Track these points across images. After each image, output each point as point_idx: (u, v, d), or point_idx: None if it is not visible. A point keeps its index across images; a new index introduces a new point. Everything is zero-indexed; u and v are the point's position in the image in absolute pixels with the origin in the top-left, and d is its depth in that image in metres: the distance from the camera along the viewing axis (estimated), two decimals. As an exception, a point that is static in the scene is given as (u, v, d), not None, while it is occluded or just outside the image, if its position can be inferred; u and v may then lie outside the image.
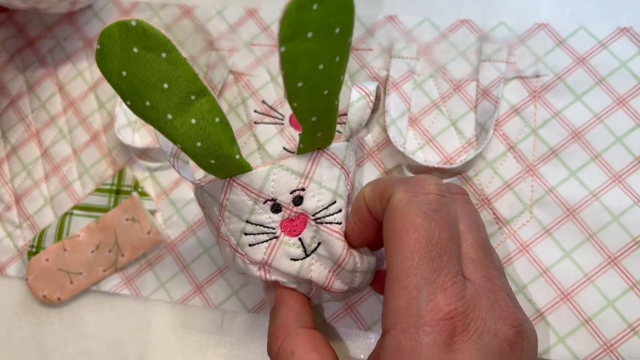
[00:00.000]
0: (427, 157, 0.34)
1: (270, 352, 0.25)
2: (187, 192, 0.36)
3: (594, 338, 0.30)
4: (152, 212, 0.36)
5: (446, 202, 0.23)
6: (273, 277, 0.26)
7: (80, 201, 0.37)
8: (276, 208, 0.26)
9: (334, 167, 0.27)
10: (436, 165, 0.32)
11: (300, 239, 0.26)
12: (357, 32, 0.37)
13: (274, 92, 0.37)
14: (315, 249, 0.26)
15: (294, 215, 0.26)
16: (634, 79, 0.33)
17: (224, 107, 0.37)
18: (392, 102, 0.34)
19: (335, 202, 0.26)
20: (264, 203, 0.26)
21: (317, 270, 0.26)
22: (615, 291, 0.30)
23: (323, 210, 0.26)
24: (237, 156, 0.25)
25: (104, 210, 0.37)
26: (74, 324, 0.36)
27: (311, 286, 0.27)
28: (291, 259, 0.26)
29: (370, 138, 0.35)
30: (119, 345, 0.35)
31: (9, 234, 0.38)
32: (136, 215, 0.36)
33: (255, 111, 0.37)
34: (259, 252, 0.26)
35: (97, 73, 0.40)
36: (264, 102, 0.37)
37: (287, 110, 0.36)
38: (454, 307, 0.20)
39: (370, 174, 0.34)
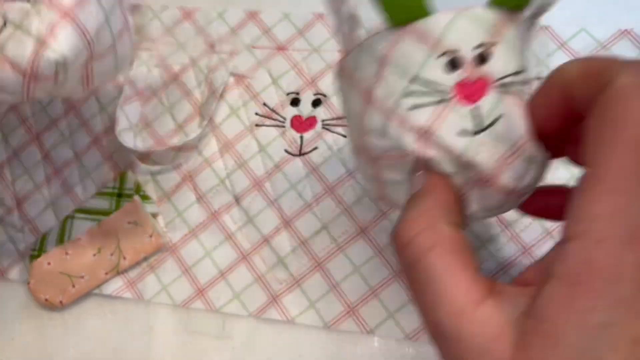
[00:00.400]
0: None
1: (397, 238, 0.20)
2: (188, 195, 0.36)
3: (596, 340, 0.30)
4: (154, 216, 0.36)
5: None
6: (431, 153, 0.21)
7: (82, 204, 0.38)
8: (453, 64, 0.21)
9: (521, 40, 0.22)
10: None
11: (475, 109, 0.21)
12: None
13: (275, 94, 0.37)
14: (491, 124, 0.20)
15: (473, 77, 0.21)
16: (636, 81, 0.33)
17: (225, 110, 0.37)
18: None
19: (523, 71, 0.21)
20: (439, 56, 0.21)
21: (487, 151, 0.20)
22: (618, 293, 0.30)
23: (511, 76, 0.21)
24: None
25: (106, 213, 0.37)
26: (76, 327, 0.36)
27: (467, 181, 0.21)
28: (459, 132, 0.20)
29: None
30: (120, 349, 0.35)
31: (10, 237, 0.38)
32: (138, 219, 0.36)
33: (256, 114, 0.37)
34: (420, 117, 0.21)
35: (98, 76, 0.40)
36: (265, 104, 0.37)
37: (288, 113, 0.36)
38: None
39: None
